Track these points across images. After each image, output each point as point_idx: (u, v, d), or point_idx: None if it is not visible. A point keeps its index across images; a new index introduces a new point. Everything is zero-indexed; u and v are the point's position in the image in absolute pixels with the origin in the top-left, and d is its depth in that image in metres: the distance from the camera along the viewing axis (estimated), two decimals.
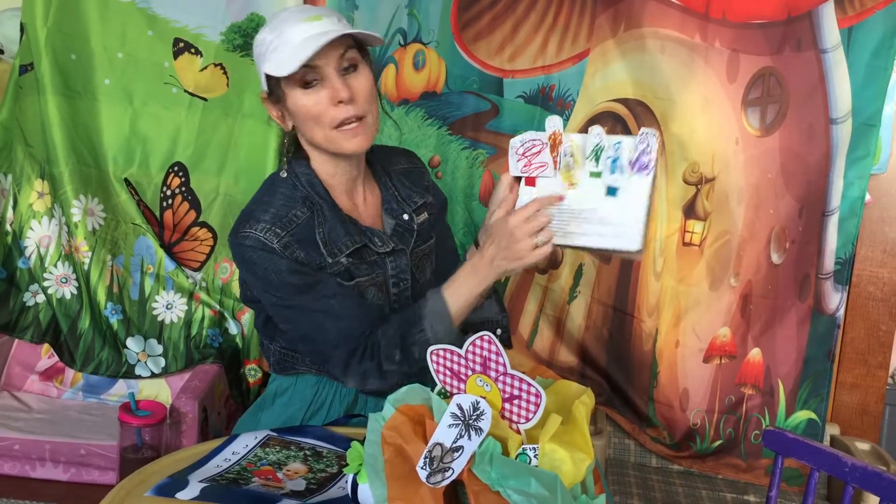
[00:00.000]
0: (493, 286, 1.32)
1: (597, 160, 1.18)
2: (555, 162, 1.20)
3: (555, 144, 1.19)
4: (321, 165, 1.34)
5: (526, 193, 1.23)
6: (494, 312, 1.42)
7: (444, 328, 1.25)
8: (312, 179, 1.32)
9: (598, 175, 1.18)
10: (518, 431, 0.92)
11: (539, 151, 1.19)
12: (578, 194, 1.19)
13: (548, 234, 1.17)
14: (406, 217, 1.40)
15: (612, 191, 1.18)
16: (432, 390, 0.97)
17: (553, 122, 1.19)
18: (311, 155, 1.34)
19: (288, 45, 1.22)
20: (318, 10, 1.26)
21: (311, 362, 1.39)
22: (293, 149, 1.36)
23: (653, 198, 1.17)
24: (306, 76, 1.23)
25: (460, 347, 0.90)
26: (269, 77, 1.25)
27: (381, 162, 1.44)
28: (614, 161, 1.17)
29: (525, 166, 1.21)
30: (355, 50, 1.26)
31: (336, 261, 1.28)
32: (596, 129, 1.17)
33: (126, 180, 2.15)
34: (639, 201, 1.16)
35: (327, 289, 1.28)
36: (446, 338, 1.24)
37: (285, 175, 1.33)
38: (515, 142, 1.21)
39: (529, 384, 0.89)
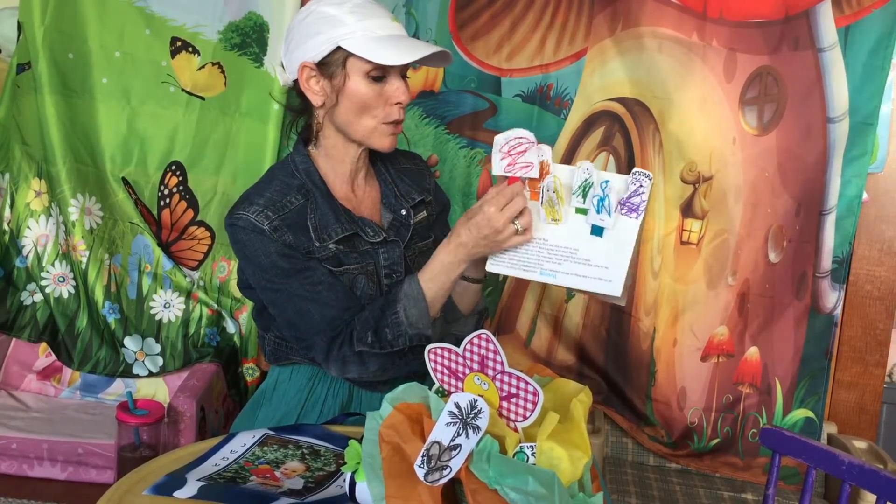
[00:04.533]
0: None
1: (584, 196, 1.13)
2: (534, 194, 1.15)
3: (542, 174, 1.15)
4: (331, 151, 1.35)
5: None
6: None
7: (419, 311, 1.25)
8: (309, 168, 1.34)
9: (584, 212, 1.14)
10: (516, 430, 0.92)
11: (525, 150, 1.15)
12: (561, 231, 1.15)
13: (527, 218, 1.15)
14: (404, 212, 1.41)
15: (597, 230, 1.14)
16: (430, 388, 0.97)
17: (542, 151, 1.15)
18: (328, 139, 1.34)
19: (380, 35, 1.24)
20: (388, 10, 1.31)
21: (302, 353, 1.40)
22: (302, 129, 1.38)
23: (638, 241, 1.13)
24: (378, 70, 1.26)
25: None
26: (336, 51, 1.25)
27: (382, 158, 1.44)
28: (601, 200, 1.12)
29: (509, 165, 1.16)
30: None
31: (324, 245, 1.29)
32: (584, 164, 1.13)
33: (124, 179, 2.15)
34: (625, 245, 1.12)
35: (316, 276, 1.29)
36: (420, 321, 1.25)
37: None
38: (500, 139, 1.16)
39: (527, 382, 0.89)
